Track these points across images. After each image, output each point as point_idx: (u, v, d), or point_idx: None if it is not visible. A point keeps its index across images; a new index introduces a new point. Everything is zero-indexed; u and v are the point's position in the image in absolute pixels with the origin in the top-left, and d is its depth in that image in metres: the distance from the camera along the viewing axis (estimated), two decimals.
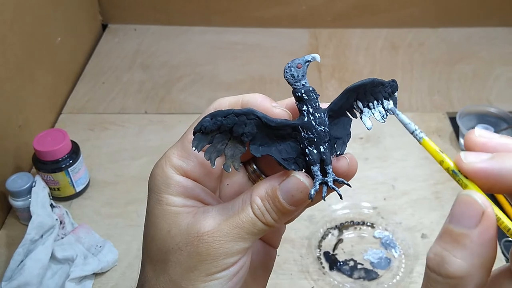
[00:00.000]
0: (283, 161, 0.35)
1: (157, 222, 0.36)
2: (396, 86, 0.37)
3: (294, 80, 0.35)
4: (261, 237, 0.41)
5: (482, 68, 1.23)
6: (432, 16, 1.37)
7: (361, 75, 1.19)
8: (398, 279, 0.78)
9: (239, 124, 0.33)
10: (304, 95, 0.35)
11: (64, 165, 0.85)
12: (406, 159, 0.98)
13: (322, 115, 0.35)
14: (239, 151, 0.34)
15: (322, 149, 0.35)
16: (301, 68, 0.36)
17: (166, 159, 0.37)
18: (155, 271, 0.36)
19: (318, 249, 0.82)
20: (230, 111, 0.33)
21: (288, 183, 0.34)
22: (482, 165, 0.29)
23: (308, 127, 0.34)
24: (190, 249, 0.34)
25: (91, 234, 0.83)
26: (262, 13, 1.36)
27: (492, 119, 1.02)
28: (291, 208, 0.34)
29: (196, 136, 0.33)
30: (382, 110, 0.37)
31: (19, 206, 0.83)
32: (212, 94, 1.13)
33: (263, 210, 0.34)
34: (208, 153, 0.34)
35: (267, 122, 0.34)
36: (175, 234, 0.35)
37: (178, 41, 1.33)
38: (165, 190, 0.36)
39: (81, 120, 1.07)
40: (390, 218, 0.86)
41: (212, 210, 0.35)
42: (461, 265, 0.27)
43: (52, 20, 1.09)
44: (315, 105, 0.35)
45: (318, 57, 0.36)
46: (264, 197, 0.35)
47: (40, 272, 0.75)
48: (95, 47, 1.30)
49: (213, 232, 0.34)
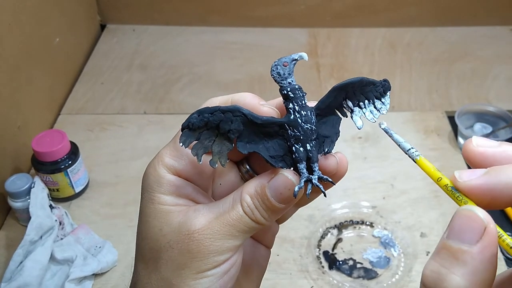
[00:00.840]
0: (271, 158, 0.35)
1: (149, 221, 0.36)
2: (388, 86, 0.37)
3: (280, 78, 0.36)
4: (254, 236, 0.41)
5: (480, 67, 1.23)
6: (431, 15, 1.37)
7: (360, 75, 1.18)
8: (397, 278, 0.78)
9: (225, 121, 0.34)
10: (290, 93, 0.35)
11: (63, 166, 0.85)
12: (405, 158, 0.97)
13: (309, 113, 0.35)
14: (226, 147, 0.35)
15: (309, 147, 0.35)
16: (288, 66, 0.36)
17: (159, 159, 0.37)
18: (147, 270, 0.36)
19: (317, 248, 0.83)
20: (216, 108, 0.34)
21: (276, 181, 0.34)
22: (477, 182, 0.29)
23: (294, 125, 0.35)
24: (181, 247, 0.34)
25: (91, 234, 0.83)
26: (260, 13, 1.36)
27: (491, 118, 1.02)
28: (280, 206, 0.35)
29: (183, 132, 0.34)
30: (373, 109, 0.37)
31: (18, 207, 0.83)
32: (211, 94, 1.12)
33: (252, 208, 0.35)
34: (195, 149, 0.34)
35: (252, 119, 0.34)
36: (167, 233, 0.35)
37: (176, 41, 1.33)
38: (157, 189, 0.36)
39: (80, 120, 1.07)
40: (389, 217, 0.86)
41: (203, 209, 0.35)
42: (460, 283, 0.26)
43: (50, 21, 1.08)
44: (301, 103, 0.35)
45: (306, 55, 0.37)
46: (254, 194, 0.35)
47: (40, 273, 0.75)
48: (94, 48, 1.30)
49: (204, 230, 0.34)
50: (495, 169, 0.29)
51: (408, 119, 1.06)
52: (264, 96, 0.36)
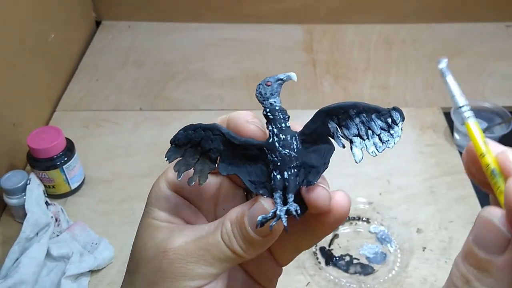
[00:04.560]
0: (250, 183, 0.33)
1: (139, 232, 0.36)
2: (400, 117, 0.32)
3: (262, 98, 0.34)
4: (253, 275, 0.38)
5: (476, 64, 1.23)
6: (426, 12, 1.37)
7: (356, 71, 1.19)
8: (393, 273, 0.78)
9: (206, 139, 0.33)
10: (269, 113, 0.33)
11: (58, 162, 0.85)
12: (401, 154, 0.98)
13: (288, 138, 0.32)
14: (208, 167, 0.34)
15: (286, 175, 0.32)
16: (270, 86, 0.33)
17: (164, 173, 0.36)
18: (128, 282, 0.36)
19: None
20: (198, 125, 0.33)
21: (254, 210, 0.32)
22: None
23: (272, 149, 0.32)
24: (155, 264, 0.33)
25: (87, 231, 0.82)
26: (256, 9, 1.35)
27: (487, 114, 1.02)
28: (256, 238, 0.32)
29: (170, 147, 0.34)
30: (377, 141, 0.33)
31: (14, 204, 0.82)
32: (206, 90, 1.13)
33: (230, 235, 0.32)
34: (177, 166, 0.34)
35: (230, 139, 0.33)
36: (150, 247, 0.34)
37: (172, 37, 1.32)
38: (155, 204, 0.35)
39: (75, 117, 1.07)
40: (385, 213, 0.87)
41: (189, 229, 0.34)
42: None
43: (45, 17, 1.08)
44: (280, 126, 0.33)
45: (294, 76, 0.34)
46: (234, 221, 0.33)
47: (36, 270, 0.74)
48: (89, 44, 1.29)
49: (178, 250, 0.33)
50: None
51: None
52: None
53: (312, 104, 1.09)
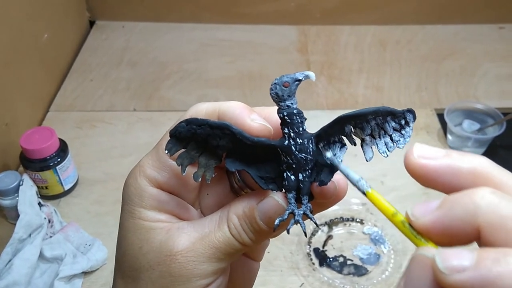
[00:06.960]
0: (260, 179, 0.32)
1: (128, 236, 0.34)
2: (412, 117, 0.32)
3: (278, 100, 0.32)
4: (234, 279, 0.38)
5: (469, 65, 1.24)
6: (420, 13, 1.38)
7: (350, 72, 1.20)
8: (387, 274, 0.78)
9: (213, 136, 0.31)
10: (286, 117, 0.32)
11: (52, 163, 0.84)
12: (395, 155, 0.98)
13: (305, 142, 0.32)
14: (214, 161, 0.32)
15: (301, 177, 0.32)
16: (288, 87, 0.32)
17: (140, 169, 0.34)
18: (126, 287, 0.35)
19: (308, 245, 0.83)
20: (204, 122, 0.31)
21: (266, 204, 0.32)
22: (431, 219, 0.24)
23: (287, 152, 0.32)
24: (162, 269, 0.32)
25: (80, 232, 0.82)
26: (251, 10, 1.36)
27: (479, 116, 1.03)
28: (268, 230, 0.33)
29: (170, 139, 0.32)
30: (389, 141, 0.33)
31: (6, 205, 0.82)
32: (201, 91, 1.13)
33: (239, 230, 0.32)
34: (180, 159, 0.32)
35: (242, 139, 0.31)
36: (147, 251, 0.33)
37: (166, 38, 1.32)
38: (138, 203, 0.33)
39: (69, 117, 1.06)
40: (379, 214, 0.86)
41: (187, 227, 0.33)
42: None
43: (39, 17, 1.07)
44: (297, 130, 0.32)
45: (313, 75, 0.33)
46: (241, 216, 0.32)
47: (29, 272, 0.74)
48: (83, 44, 1.29)
49: (187, 252, 0.32)
50: (448, 201, 0.24)
51: None
52: (254, 94, 0.35)
53: (306, 105, 1.09)
